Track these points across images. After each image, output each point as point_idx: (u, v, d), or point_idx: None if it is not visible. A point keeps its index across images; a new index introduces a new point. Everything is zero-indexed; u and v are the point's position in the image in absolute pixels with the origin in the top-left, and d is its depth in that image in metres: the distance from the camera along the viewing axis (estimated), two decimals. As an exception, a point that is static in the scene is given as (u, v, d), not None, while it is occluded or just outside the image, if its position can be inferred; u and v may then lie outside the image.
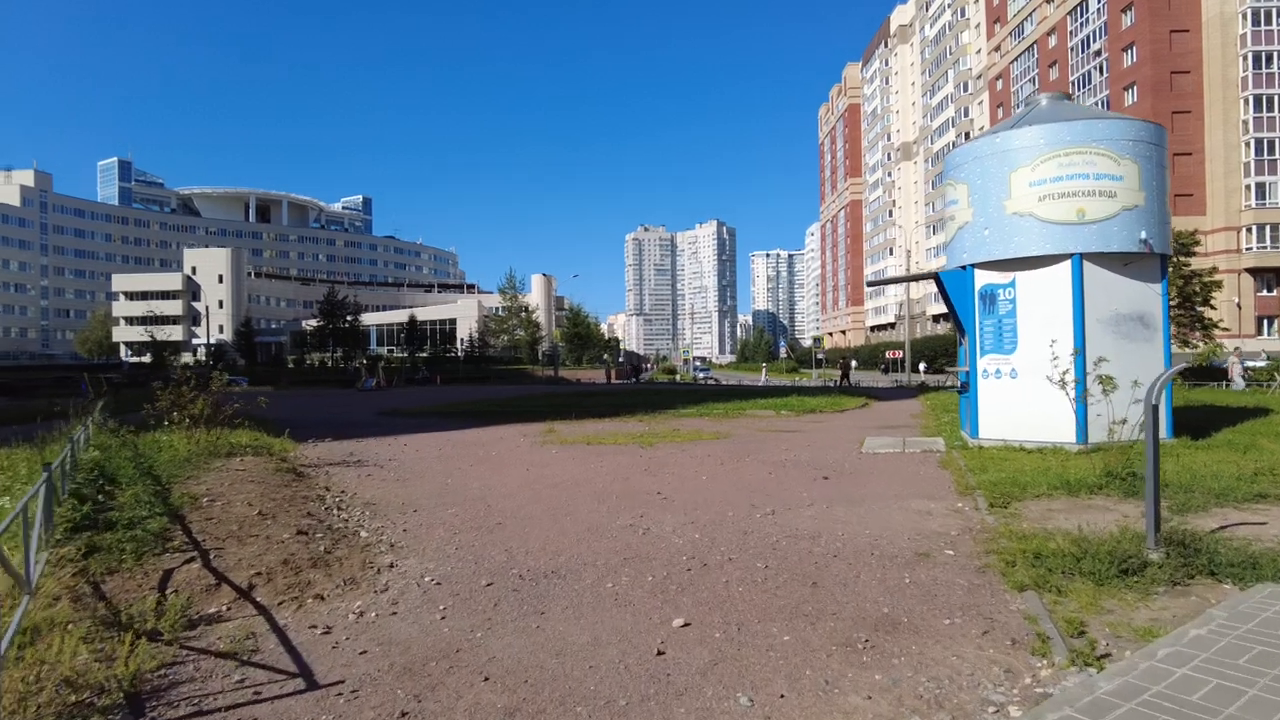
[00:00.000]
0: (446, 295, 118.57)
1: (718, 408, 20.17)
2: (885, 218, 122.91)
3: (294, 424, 17.95)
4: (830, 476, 9.20)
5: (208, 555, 5.11)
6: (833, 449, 12.09)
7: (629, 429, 15.51)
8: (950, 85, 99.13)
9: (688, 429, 15.34)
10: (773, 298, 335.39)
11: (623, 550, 5.71)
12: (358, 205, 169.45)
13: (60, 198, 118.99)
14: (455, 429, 16.46)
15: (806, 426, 16.36)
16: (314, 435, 14.94)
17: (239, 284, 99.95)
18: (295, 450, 12.22)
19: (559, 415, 18.39)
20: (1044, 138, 10.80)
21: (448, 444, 13.37)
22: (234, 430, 12.41)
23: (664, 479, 9.11)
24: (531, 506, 7.57)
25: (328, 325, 75.80)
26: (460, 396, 30.75)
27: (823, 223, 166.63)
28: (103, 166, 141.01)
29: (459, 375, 61.13)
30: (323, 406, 26.17)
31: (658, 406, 21.05)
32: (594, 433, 14.80)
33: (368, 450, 12.48)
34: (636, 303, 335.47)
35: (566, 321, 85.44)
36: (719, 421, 17.29)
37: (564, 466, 10.30)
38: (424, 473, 9.94)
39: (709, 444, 12.85)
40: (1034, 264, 10.96)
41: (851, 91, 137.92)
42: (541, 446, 12.74)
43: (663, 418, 18.25)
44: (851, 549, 5.68)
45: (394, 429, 16.48)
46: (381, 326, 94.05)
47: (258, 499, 7.09)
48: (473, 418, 19.33)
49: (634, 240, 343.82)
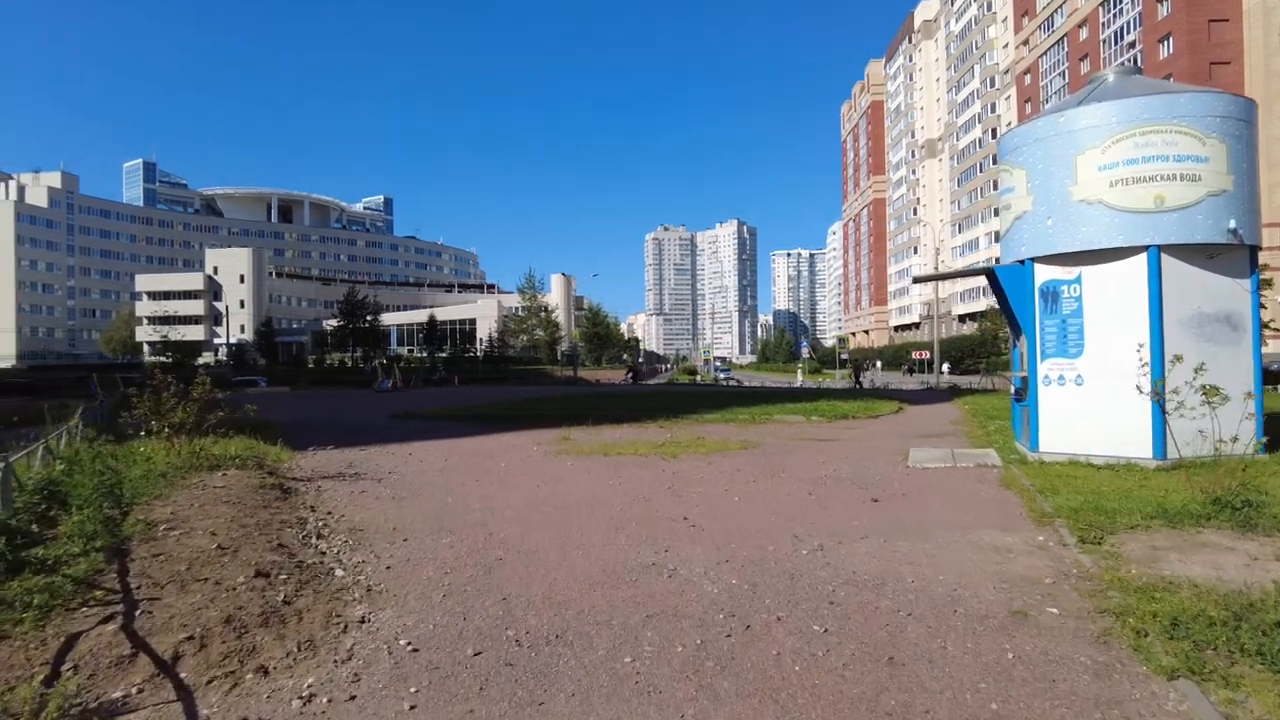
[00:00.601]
0: (466, 295, 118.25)
1: (743, 413, 19.07)
2: (909, 216, 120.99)
3: (300, 428, 17.17)
4: (880, 498, 8.10)
5: (135, 610, 4.15)
6: (874, 462, 10.97)
7: (649, 437, 14.48)
8: (976, 81, 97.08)
9: (713, 437, 14.27)
10: (794, 297, 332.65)
11: (645, 602, 4.68)
12: (379, 205, 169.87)
13: (86, 199, 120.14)
14: (466, 435, 15.52)
15: (841, 434, 15.22)
16: (317, 441, 14.06)
17: (260, 284, 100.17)
18: (291, 461, 11.33)
19: (576, 420, 17.39)
20: (1116, 115, 9.61)
21: (455, 453, 12.42)
22: (226, 439, 11.56)
23: (690, 500, 8.07)
24: (538, 534, 6.55)
25: (348, 325, 75.66)
26: (476, 398, 29.88)
27: (845, 221, 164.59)
28: (128, 168, 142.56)
29: (478, 375, 60.48)
30: (335, 408, 25.40)
31: (680, 411, 19.98)
32: (612, 441, 13.78)
33: (369, 461, 11.55)
34: (656, 302, 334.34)
35: (586, 321, 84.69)
36: (745, 428, 16.20)
37: (578, 482, 9.29)
38: (424, 489, 8.98)
39: (737, 455, 11.77)
40: (1104, 257, 9.78)
41: (874, 88, 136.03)
42: (555, 457, 11.74)
43: (685, 424, 17.19)
44: (927, 604, 4.60)
45: (402, 435, 15.57)
46: (402, 326, 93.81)
47: (225, 526, 6.14)
48: (486, 422, 18.40)
49: (654, 240, 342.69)
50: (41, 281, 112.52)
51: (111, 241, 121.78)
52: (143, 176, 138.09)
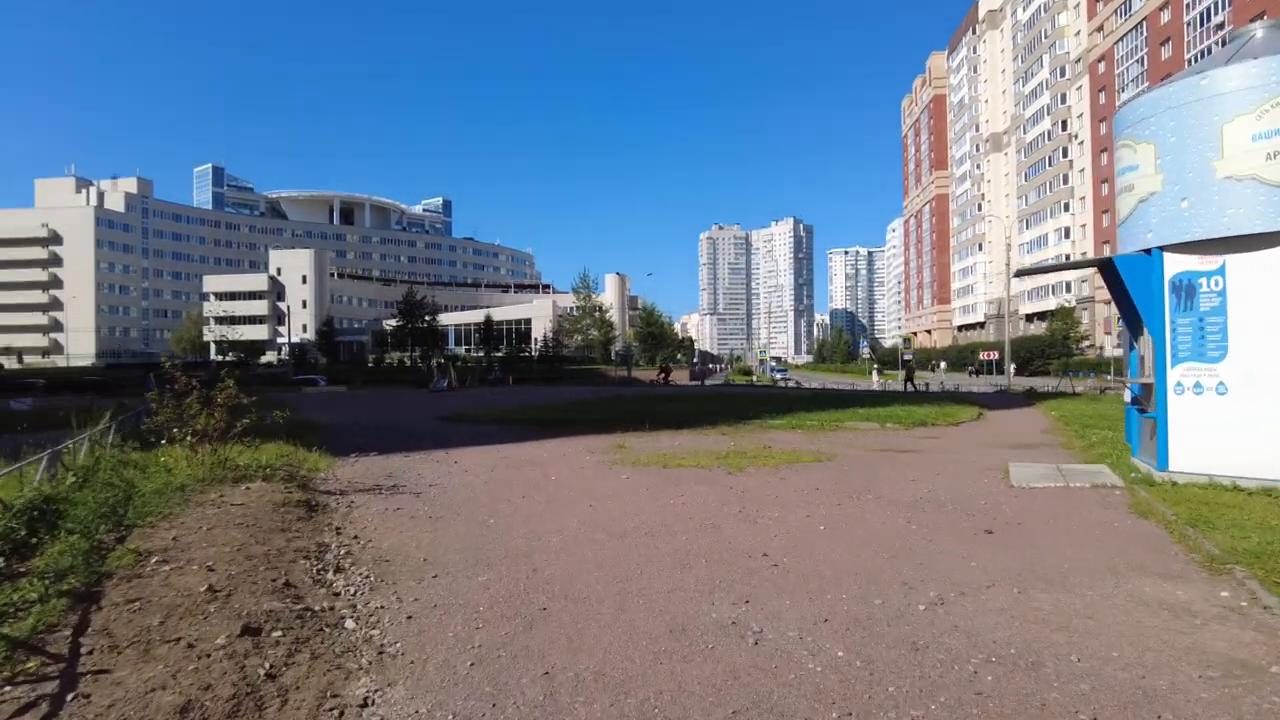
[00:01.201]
0: (522, 295, 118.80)
1: (810, 418, 17.76)
2: (974, 212, 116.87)
3: (345, 430, 16.57)
4: (993, 529, 6.81)
5: (69, 693, 3.22)
6: (970, 480, 9.63)
7: (711, 445, 13.34)
8: (1045, 71, 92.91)
9: (781, 447, 13.05)
10: (851, 296, 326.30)
11: (727, 686, 3.56)
12: (438, 207, 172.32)
13: (159, 203, 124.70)
14: (515, 441, 14.63)
15: (922, 444, 13.83)
16: (360, 446, 13.34)
17: (321, 284, 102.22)
18: (328, 470, 10.56)
19: (631, 424, 16.36)
20: (1276, 74, 8.09)
21: (503, 462, 11.50)
22: (262, 444, 10.89)
23: (766, 527, 6.92)
24: (590, 576, 5.49)
25: (406, 325, 76.56)
26: (530, 399, 29.19)
27: (906, 218, 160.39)
28: (198, 173, 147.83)
29: (532, 375, 60.14)
30: (387, 409, 24.95)
31: (741, 415, 18.77)
32: (671, 450, 12.69)
33: (410, 470, 10.71)
34: (710, 302, 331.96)
35: (640, 321, 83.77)
36: (815, 437, 14.93)
37: (635, 502, 8.22)
38: (465, 507, 8.04)
39: (812, 469, 10.56)
40: (1256, 244, 8.25)
41: (937, 82, 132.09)
42: (609, 469, 10.71)
43: (748, 430, 16.00)
44: (1113, 701, 3.36)
45: (449, 440, 14.78)
46: (459, 326, 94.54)
47: (228, 557, 5.27)
48: (537, 426, 17.50)
49: (708, 239, 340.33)
50: (118, 283, 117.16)
51: (182, 244, 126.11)
52: (212, 181, 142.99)
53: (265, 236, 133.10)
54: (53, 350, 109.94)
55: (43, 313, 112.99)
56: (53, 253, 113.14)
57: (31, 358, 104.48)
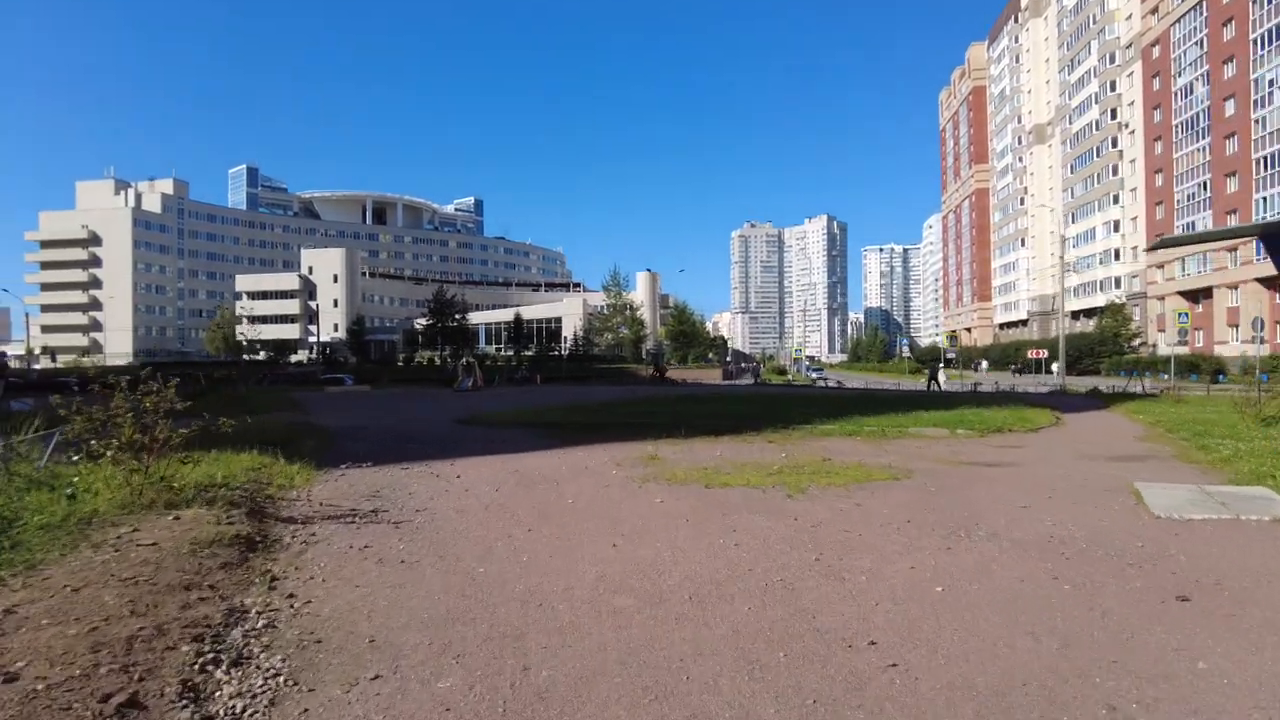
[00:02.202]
0: (552, 294, 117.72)
1: (867, 423, 15.66)
2: (1016, 206, 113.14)
3: (349, 435, 14.90)
4: (1188, 594, 4.77)
5: None
6: (1095, 506, 7.55)
7: (758, 456, 11.35)
8: (1094, 58, 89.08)
9: (843, 459, 11.02)
10: (886, 294, 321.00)
11: None
12: (469, 207, 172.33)
13: (195, 204, 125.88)
14: (533, 449, 12.79)
15: (1006, 455, 11.69)
16: (356, 456, 11.62)
17: (352, 283, 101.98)
18: (304, 486, 8.82)
19: (664, 429, 14.43)
20: None
21: (513, 478, 9.66)
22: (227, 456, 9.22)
23: (859, 588, 4.93)
24: (608, 685, 3.52)
25: (436, 324, 75.94)
26: (556, 399, 27.46)
27: (944, 214, 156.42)
28: (233, 174, 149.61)
29: (562, 374, 58.62)
30: (405, 410, 23.37)
31: (785, 419, 16.71)
32: (712, 462, 10.74)
33: (401, 488, 8.93)
34: (742, 301, 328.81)
35: (671, 319, 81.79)
36: (879, 446, 12.86)
37: (673, 540, 6.28)
38: (452, 544, 6.20)
39: (890, 490, 8.53)
40: None
41: (976, 73, 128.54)
42: (639, 488, 8.79)
43: (798, 437, 13.97)
44: None
45: (458, 447, 13.00)
46: (489, 325, 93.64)
47: (62, 649, 3.49)
48: (560, 431, 15.65)
49: (740, 237, 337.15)
50: (155, 283, 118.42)
51: (217, 244, 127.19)
52: (246, 181, 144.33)
53: (299, 236, 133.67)
54: (92, 349, 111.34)
55: (83, 312, 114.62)
56: (92, 253, 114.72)
57: (71, 357, 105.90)
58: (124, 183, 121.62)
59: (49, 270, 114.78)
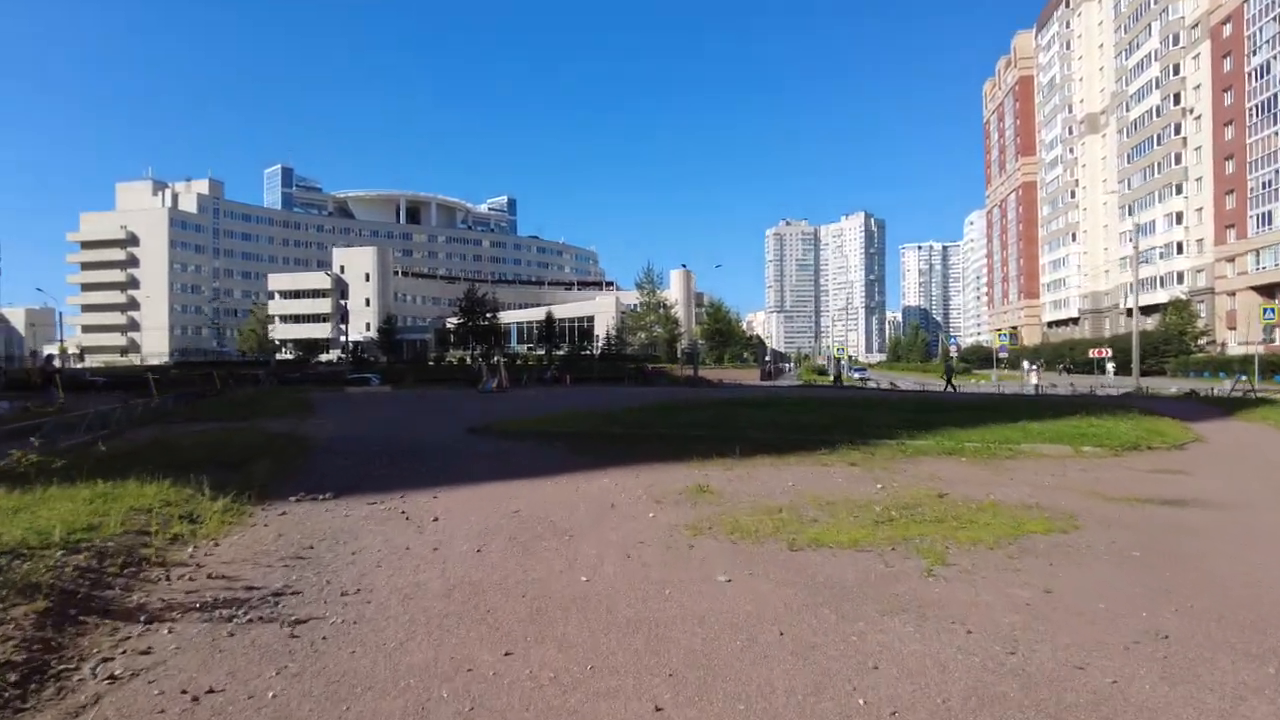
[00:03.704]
0: (585, 292, 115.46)
1: (966, 437, 12.60)
2: (1066, 199, 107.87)
3: (333, 450, 12.30)
4: None
5: None
6: None
7: (847, 487, 8.46)
8: (1154, 40, 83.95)
9: (961, 492, 8.07)
10: (925, 293, 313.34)
11: None
12: (503, 206, 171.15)
13: (230, 204, 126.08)
14: (546, 472, 10.05)
15: (1182, 488, 8.61)
16: (320, 481, 9.02)
17: (384, 282, 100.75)
18: (216, 535, 6.20)
19: (713, 443, 11.60)
20: None
21: (508, 525, 6.90)
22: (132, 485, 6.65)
23: None
24: None
25: (467, 323, 74.30)
26: (584, 402, 24.81)
27: (988, 209, 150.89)
28: (268, 174, 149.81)
29: (593, 374, 56.08)
30: (415, 415, 20.90)
31: (859, 430, 13.73)
32: (785, 496, 7.87)
33: (345, 542, 6.24)
34: (777, 299, 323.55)
35: (707, 318, 78.75)
36: (993, 469, 9.86)
37: (766, 692, 3.50)
38: (365, 689, 3.49)
39: (1067, 554, 5.58)
40: None
41: (1023, 62, 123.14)
42: (691, 549, 5.95)
43: (885, 455, 11.03)
44: None
45: (453, 469, 10.33)
46: (521, 324, 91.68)
47: None
48: (582, 444, 12.87)
49: (775, 235, 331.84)
50: (190, 282, 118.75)
51: (252, 244, 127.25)
52: (281, 181, 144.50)
53: (333, 236, 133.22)
54: (130, 349, 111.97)
55: (121, 312, 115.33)
56: (130, 254, 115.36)
57: (111, 356, 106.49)
58: (161, 183, 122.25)
59: (89, 271, 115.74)
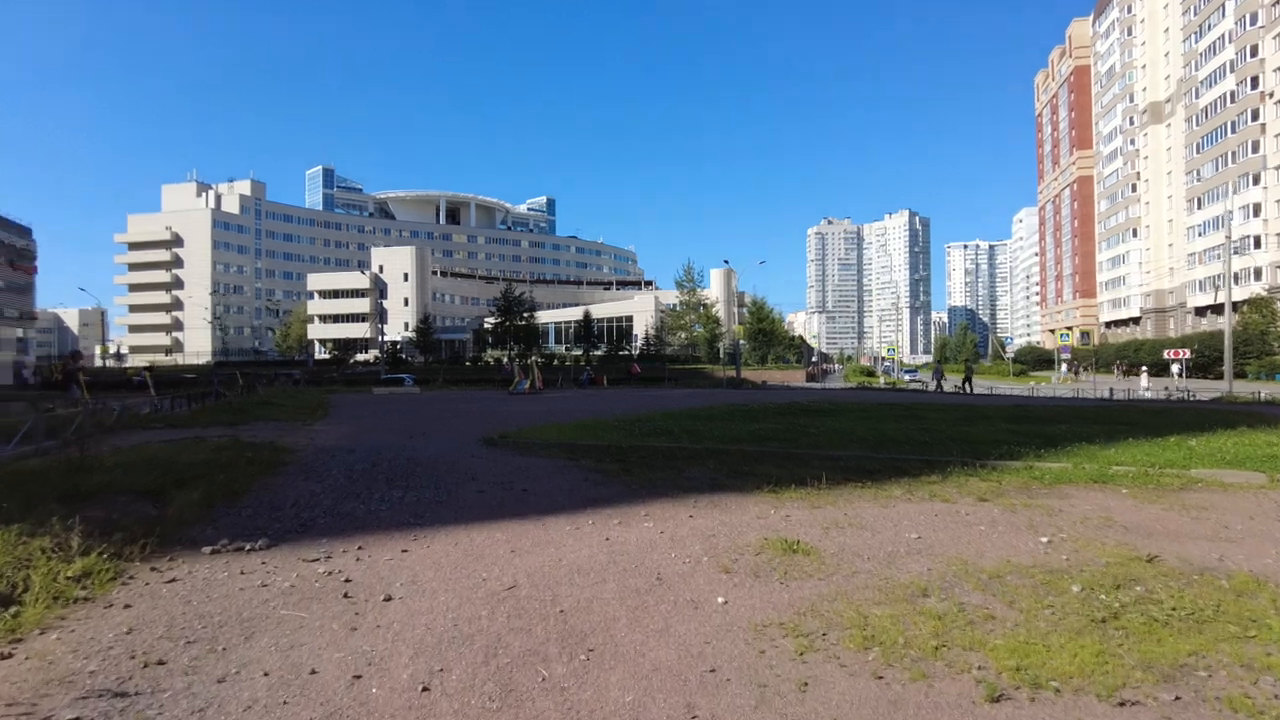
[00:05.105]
0: (623, 292, 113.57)
1: (1112, 460, 9.75)
2: (1126, 193, 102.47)
3: (305, 469, 9.94)
4: None
5: None
6: None
7: (998, 541, 5.81)
8: (1228, 20, 78.83)
9: (1175, 549, 5.37)
10: (971, 292, 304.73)
11: None
12: (542, 206, 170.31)
13: (272, 205, 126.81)
14: (564, 509, 7.51)
15: None
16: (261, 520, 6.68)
17: (423, 282, 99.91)
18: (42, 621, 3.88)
19: (780, 463, 9.03)
20: None
21: (495, 614, 4.39)
22: None
23: None
24: None
25: (504, 322, 72.85)
26: (622, 406, 22.39)
27: (1040, 205, 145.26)
28: (310, 175, 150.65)
29: (630, 375, 53.68)
30: (432, 420, 18.66)
31: (959, 447, 11.02)
32: (916, 558, 5.25)
33: (239, 635, 3.86)
34: (818, 299, 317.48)
35: (749, 316, 75.84)
36: (1178, 506, 7.08)
37: None
38: None
39: None
40: None
41: (1079, 51, 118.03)
42: (801, 675, 3.46)
43: (1014, 483, 8.31)
44: None
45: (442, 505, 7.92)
46: (558, 324, 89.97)
47: None
48: (615, 464, 10.31)
49: (816, 234, 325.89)
50: (233, 283, 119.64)
51: (293, 244, 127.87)
52: (322, 182, 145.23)
53: (373, 236, 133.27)
54: (174, 348, 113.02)
55: (166, 312, 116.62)
56: (175, 254, 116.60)
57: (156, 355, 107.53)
58: (205, 185, 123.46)
59: (135, 271, 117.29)
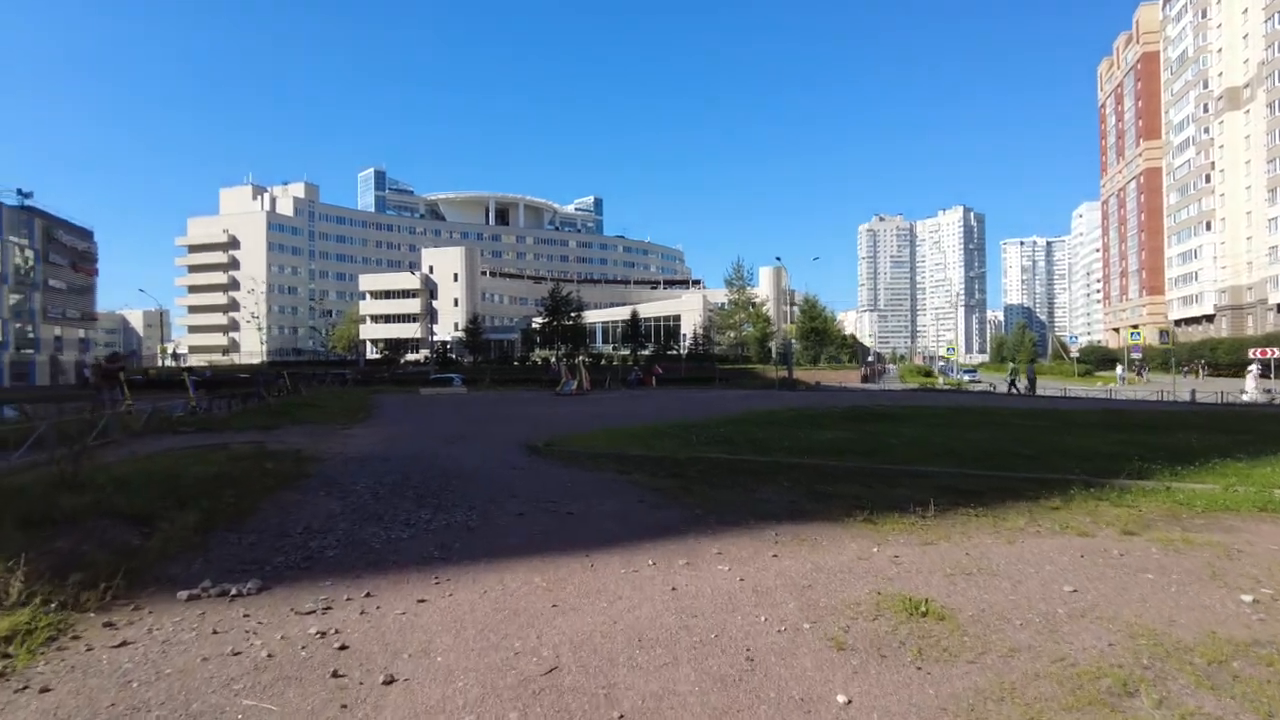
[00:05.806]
0: (671, 291, 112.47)
1: (1272, 479, 8.21)
2: (1200, 184, 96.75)
3: (327, 483, 8.91)
4: None
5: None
6: None
7: (1185, 600, 4.40)
8: (1316, -2, 73.54)
9: None
10: (1028, 290, 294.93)
11: None
12: (589, 206, 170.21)
13: (325, 207, 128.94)
14: (614, 542, 6.25)
15: None
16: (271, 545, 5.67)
17: (472, 282, 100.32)
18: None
19: (868, 482, 7.67)
20: None
21: (534, 712, 3.24)
22: None
23: None
24: None
25: (551, 322, 72.31)
26: (674, 408, 21.19)
27: (1103, 199, 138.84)
28: (362, 177, 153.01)
29: (680, 376, 52.42)
30: (474, 423, 17.73)
31: (1071, 462, 9.49)
32: (1084, 625, 3.91)
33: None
34: (869, 298, 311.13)
35: (801, 315, 73.82)
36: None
37: None
38: None
39: None
40: None
41: (1147, 37, 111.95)
42: None
43: (1156, 509, 6.74)
44: None
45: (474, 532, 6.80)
46: (605, 324, 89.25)
47: None
48: (673, 477, 9.15)
49: (868, 231, 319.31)
50: (287, 284, 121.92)
51: (346, 245, 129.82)
52: (374, 184, 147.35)
53: (424, 238, 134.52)
54: (231, 349, 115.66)
55: (223, 313, 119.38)
56: (231, 256, 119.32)
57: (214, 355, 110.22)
58: (260, 188, 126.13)
59: (195, 273, 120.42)
